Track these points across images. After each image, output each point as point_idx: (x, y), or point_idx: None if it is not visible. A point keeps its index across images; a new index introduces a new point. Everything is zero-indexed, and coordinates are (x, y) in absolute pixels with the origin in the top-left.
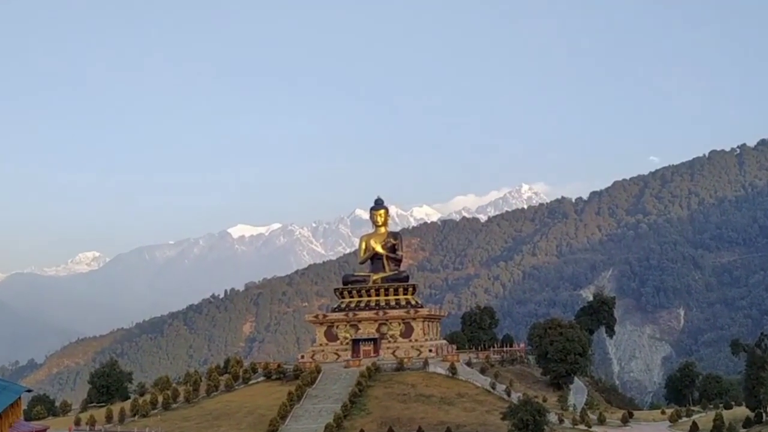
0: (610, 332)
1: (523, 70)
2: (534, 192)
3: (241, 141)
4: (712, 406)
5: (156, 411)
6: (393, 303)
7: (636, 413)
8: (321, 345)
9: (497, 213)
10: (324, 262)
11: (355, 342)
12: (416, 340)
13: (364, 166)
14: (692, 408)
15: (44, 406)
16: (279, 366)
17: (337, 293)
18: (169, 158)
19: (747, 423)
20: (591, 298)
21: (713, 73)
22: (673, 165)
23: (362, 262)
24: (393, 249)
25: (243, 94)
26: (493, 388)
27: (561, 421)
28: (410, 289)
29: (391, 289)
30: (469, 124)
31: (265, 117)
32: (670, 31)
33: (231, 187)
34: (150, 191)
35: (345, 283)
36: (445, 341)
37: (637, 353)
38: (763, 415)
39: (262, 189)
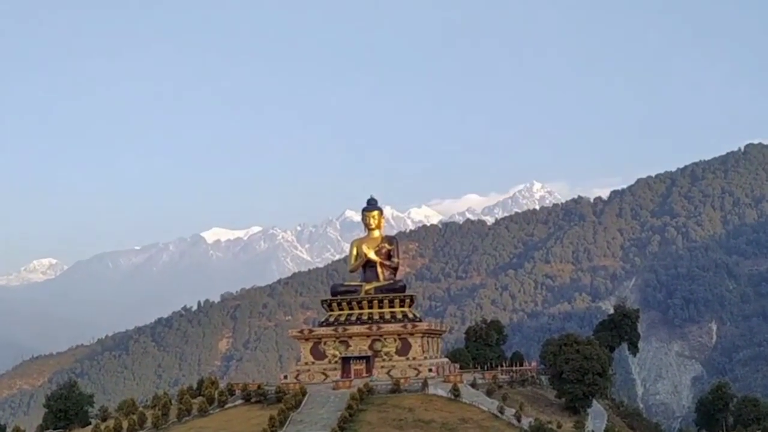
0: (633, 349)
1: (534, 56)
2: (547, 191)
3: (215, 135)
4: None
5: None
6: (388, 316)
7: None
8: (306, 364)
9: (506, 215)
10: (310, 270)
11: (345, 360)
12: (414, 359)
13: (355, 162)
14: None
15: None
16: (259, 387)
17: (325, 305)
18: (133, 155)
19: None
20: (611, 311)
21: (748, 59)
22: (704, 160)
23: (353, 270)
24: (388, 255)
25: (218, 85)
26: (501, 413)
27: None
28: (407, 300)
29: (386, 301)
30: (473, 116)
31: (243, 110)
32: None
33: (205, 185)
34: (113, 191)
35: (334, 293)
36: (446, 359)
37: (663, 373)
38: None
39: (239, 188)
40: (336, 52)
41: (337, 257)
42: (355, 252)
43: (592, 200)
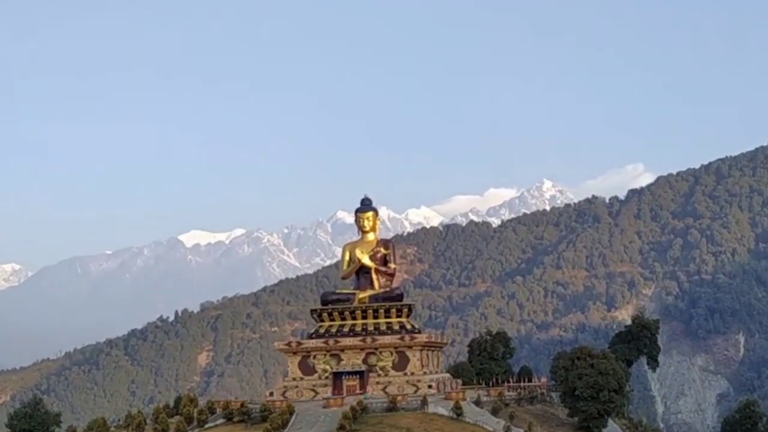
0: (653, 364)
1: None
2: (558, 190)
3: (194, 130)
4: None
5: None
6: (383, 327)
7: None
8: (294, 379)
9: (513, 216)
10: (298, 277)
11: (337, 376)
12: (412, 374)
13: (348, 159)
14: None
15: None
16: (242, 405)
17: (315, 315)
18: (105, 151)
19: None
20: (629, 322)
21: None
22: (730, 156)
23: (345, 277)
24: (384, 260)
25: (196, 78)
26: None
27: None
28: (405, 310)
29: (382, 311)
30: (477, 108)
31: (225, 104)
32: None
33: (183, 184)
34: (83, 190)
35: (324, 302)
36: (448, 375)
37: (686, 389)
38: None
39: (221, 186)
40: (327, 42)
41: (328, 262)
42: (347, 257)
43: (607, 200)
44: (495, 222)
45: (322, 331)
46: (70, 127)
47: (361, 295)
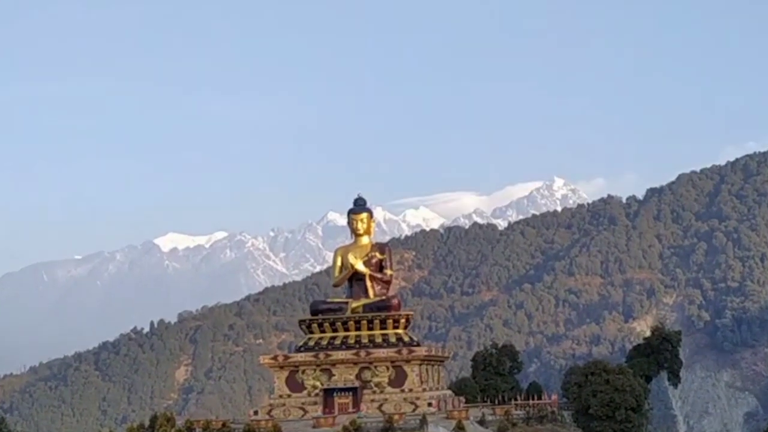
0: (674, 380)
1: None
2: (570, 189)
3: (169, 121)
4: None
5: None
6: (379, 340)
7: None
8: (281, 397)
9: (521, 217)
10: (285, 285)
11: (328, 393)
12: (410, 390)
13: (339, 155)
14: None
15: None
16: (224, 425)
17: (304, 326)
18: (73, 147)
19: None
20: (648, 334)
21: None
22: (759, 152)
23: (337, 285)
24: (379, 266)
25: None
26: None
27: None
28: (403, 320)
29: (377, 321)
30: (480, 97)
31: (204, 96)
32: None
33: (159, 183)
34: (47, 189)
35: (314, 312)
36: (449, 391)
37: (710, 408)
38: None
39: (200, 185)
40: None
41: (318, 269)
42: (339, 262)
43: (624, 200)
44: (501, 224)
45: (311, 343)
46: (37, 119)
47: (355, 304)
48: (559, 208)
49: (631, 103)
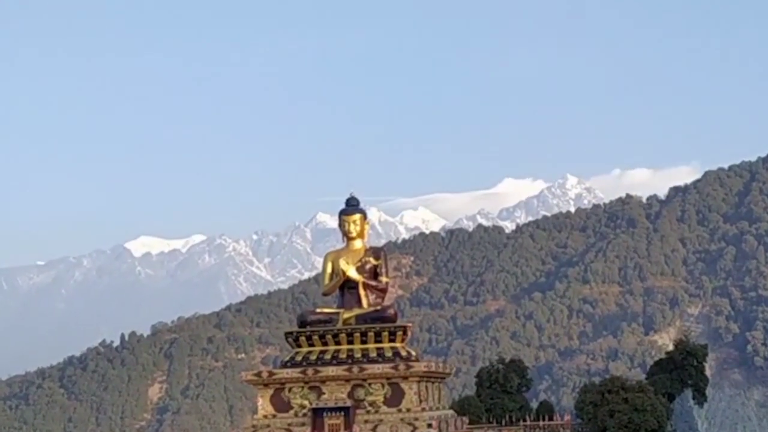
0: (700, 398)
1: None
2: (585, 187)
3: (142, 114)
4: None
5: None
6: (373, 354)
7: None
8: (266, 417)
9: (530, 219)
10: (270, 293)
11: (317, 413)
12: (408, 410)
13: (330, 150)
14: None
15: None
16: None
17: (290, 339)
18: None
19: None
20: (671, 348)
21: None
22: None
23: (327, 293)
24: (374, 273)
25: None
26: None
27: None
28: (399, 333)
29: (371, 334)
30: (483, 87)
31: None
32: None
33: (131, 181)
34: (4, 188)
35: (302, 324)
36: (451, 411)
37: (739, 429)
38: None
39: (176, 183)
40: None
41: (306, 275)
42: (329, 269)
43: (644, 200)
44: (509, 226)
45: (298, 358)
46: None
47: (347, 315)
48: (572, 209)
49: (655, 95)
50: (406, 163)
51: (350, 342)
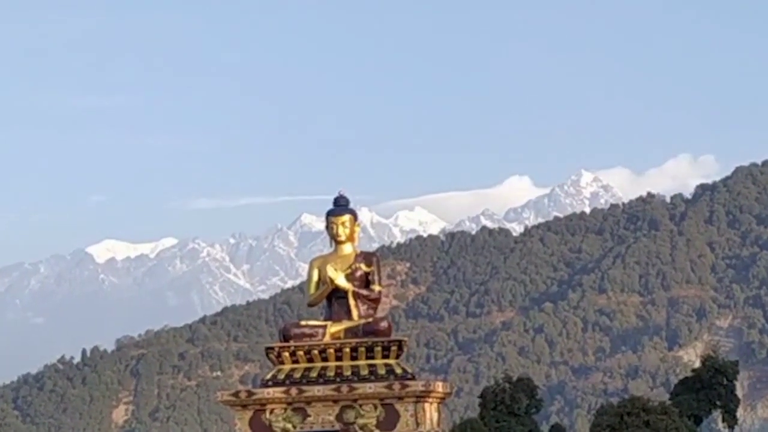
0: (731, 420)
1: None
2: (602, 185)
3: (104, 101)
4: None
5: None
6: (365, 372)
7: None
8: None
9: (541, 220)
10: (249, 303)
11: None
12: None
13: (316, 143)
14: None
15: None
16: None
17: (272, 356)
18: None
19: None
20: (697, 364)
21: None
22: None
23: (313, 304)
24: (365, 281)
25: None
26: None
27: None
28: (394, 348)
29: (362, 350)
30: (486, 77)
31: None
32: None
33: (93, 179)
34: None
35: (285, 338)
36: None
37: None
38: None
39: (144, 181)
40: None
41: (290, 284)
42: (315, 276)
43: (668, 199)
44: (516, 228)
45: (281, 377)
46: None
47: (334, 328)
48: (587, 209)
49: (678, 85)
50: (401, 159)
51: (339, 358)
